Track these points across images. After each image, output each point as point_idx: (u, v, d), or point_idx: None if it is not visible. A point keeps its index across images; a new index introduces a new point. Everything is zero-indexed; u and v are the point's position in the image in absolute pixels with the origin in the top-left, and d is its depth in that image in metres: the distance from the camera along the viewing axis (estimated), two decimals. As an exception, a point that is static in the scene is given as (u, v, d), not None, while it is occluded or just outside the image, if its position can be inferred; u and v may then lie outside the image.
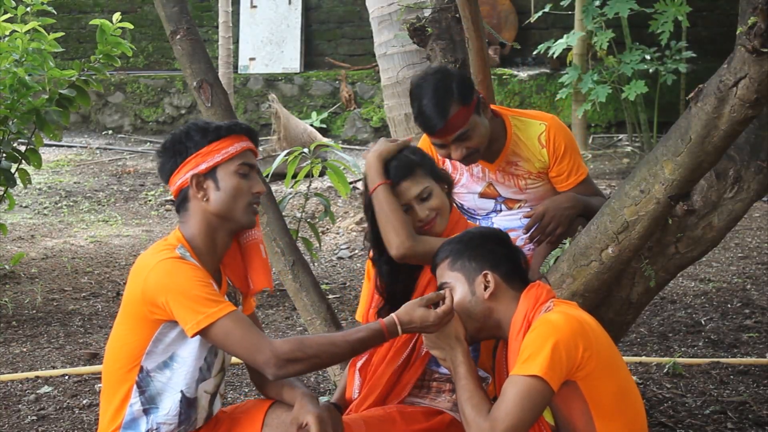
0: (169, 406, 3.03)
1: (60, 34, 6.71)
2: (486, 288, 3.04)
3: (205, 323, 2.88)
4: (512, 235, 3.84)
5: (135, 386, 3.02)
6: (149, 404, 3.03)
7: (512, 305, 3.04)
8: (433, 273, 3.20)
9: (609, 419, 2.89)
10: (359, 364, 3.52)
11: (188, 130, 3.06)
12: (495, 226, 3.89)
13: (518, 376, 2.83)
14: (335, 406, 3.39)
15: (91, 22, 6.74)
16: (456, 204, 3.96)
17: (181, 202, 3.08)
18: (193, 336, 2.91)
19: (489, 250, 3.12)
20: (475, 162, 3.81)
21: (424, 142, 3.97)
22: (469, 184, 3.93)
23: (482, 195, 3.93)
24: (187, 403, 3.05)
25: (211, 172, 3.02)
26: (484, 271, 3.05)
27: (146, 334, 2.99)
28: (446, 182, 3.52)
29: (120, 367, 3.04)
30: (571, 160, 3.88)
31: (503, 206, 3.92)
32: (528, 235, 3.78)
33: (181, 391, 3.02)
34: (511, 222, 3.90)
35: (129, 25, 6.56)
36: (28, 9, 6.58)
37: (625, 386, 2.97)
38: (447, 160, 3.89)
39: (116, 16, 6.46)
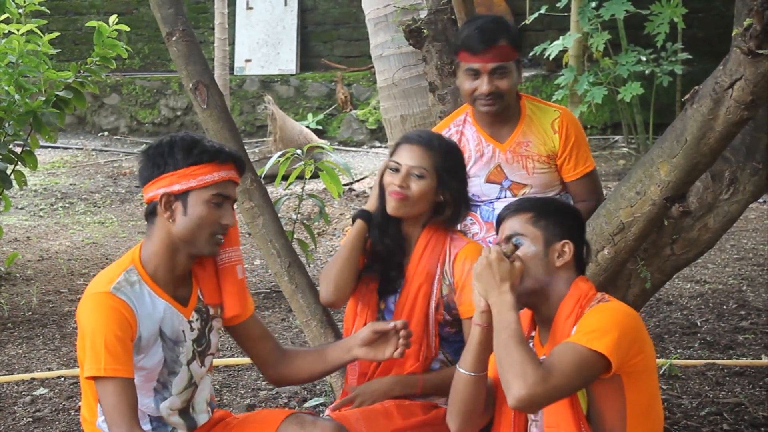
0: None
1: (55, 34, 6.70)
2: (560, 257, 2.96)
3: (88, 374, 2.89)
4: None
5: (98, 403, 2.98)
6: None
7: (566, 286, 2.95)
8: (500, 221, 3.07)
9: (640, 421, 2.86)
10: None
11: (173, 145, 2.99)
12: (496, 210, 3.91)
13: (582, 346, 2.75)
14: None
15: (87, 24, 6.74)
16: None
17: (149, 213, 3.04)
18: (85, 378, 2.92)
19: (575, 225, 3.04)
20: (493, 110, 3.81)
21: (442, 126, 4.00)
22: (476, 168, 3.92)
23: (488, 180, 3.92)
24: (155, 420, 3.04)
25: (182, 195, 2.97)
26: (566, 240, 2.97)
27: None
28: (453, 199, 3.50)
29: (87, 383, 3.02)
30: (580, 150, 3.91)
31: (508, 192, 3.91)
32: None
33: (141, 410, 2.99)
34: None
35: (125, 27, 6.56)
36: (21, 11, 6.57)
37: (656, 393, 2.95)
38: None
39: (113, 18, 6.46)
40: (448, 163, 3.46)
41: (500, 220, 3.06)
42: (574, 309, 2.91)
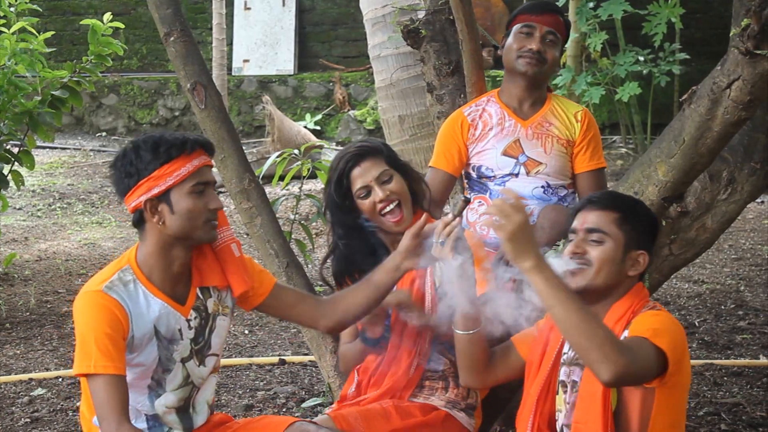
0: (133, 418, 3.00)
1: (50, 33, 6.69)
2: (633, 266, 2.95)
3: (77, 371, 2.90)
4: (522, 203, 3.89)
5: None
6: None
7: (626, 290, 2.95)
8: (582, 208, 3.02)
9: None
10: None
11: (138, 149, 2.97)
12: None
13: (650, 341, 2.74)
14: None
15: (82, 22, 6.73)
16: (473, 167, 4.02)
17: (137, 221, 3.04)
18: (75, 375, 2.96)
19: (652, 234, 3.02)
20: (534, 72, 3.94)
21: (448, 125, 4.06)
22: (495, 140, 3.99)
23: (505, 152, 3.99)
24: (151, 418, 3.05)
25: (164, 196, 2.96)
26: (643, 251, 2.95)
27: None
28: (410, 179, 3.52)
29: (85, 381, 3.03)
30: (597, 145, 4.02)
31: (523, 168, 3.96)
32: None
33: (136, 408, 3.01)
34: (523, 188, 3.94)
35: (120, 25, 6.56)
36: (12, 9, 6.56)
37: (684, 411, 2.94)
38: (476, 117, 4.01)
39: (107, 16, 6.45)
40: (389, 151, 3.52)
41: (583, 207, 3.01)
42: (626, 313, 2.90)
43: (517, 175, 3.96)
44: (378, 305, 3.25)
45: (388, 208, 3.42)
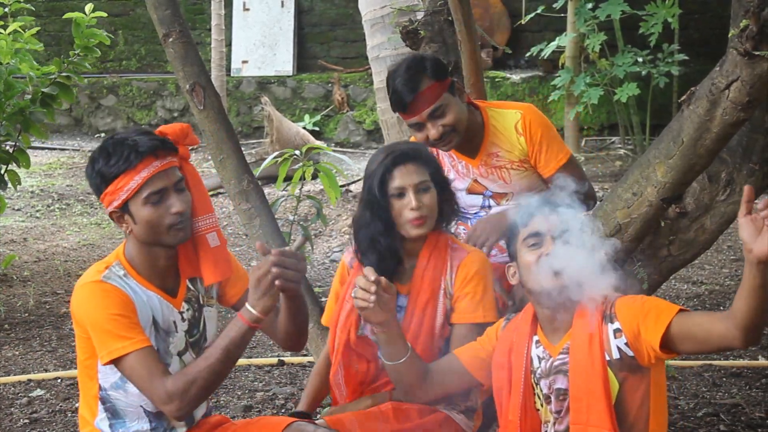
0: (136, 418, 3.03)
1: (35, 29, 6.68)
2: None
3: (108, 358, 2.90)
4: None
5: (99, 401, 3.03)
6: (114, 419, 3.04)
7: None
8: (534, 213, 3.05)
9: (659, 416, 2.92)
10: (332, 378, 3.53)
11: (94, 163, 2.97)
12: None
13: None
14: (303, 414, 3.41)
15: (65, 16, 6.70)
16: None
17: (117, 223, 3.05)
18: (105, 365, 2.94)
19: None
20: (454, 145, 3.76)
21: None
22: (456, 183, 3.88)
23: (470, 191, 3.91)
24: (154, 415, 3.05)
25: (124, 207, 2.96)
26: None
27: (91, 351, 3.00)
28: (448, 197, 3.45)
29: (85, 382, 3.06)
30: (550, 145, 3.85)
31: (491, 201, 3.90)
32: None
33: (141, 406, 3.02)
34: None
35: (103, 14, 6.53)
36: (6, 9, 6.56)
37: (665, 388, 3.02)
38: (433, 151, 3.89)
39: (89, 7, 6.41)
40: (434, 165, 3.43)
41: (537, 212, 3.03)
42: (596, 308, 2.94)
43: (489, 207, 3.91)
44: (295, 316, 3.18)
45: (413, 215, 3.33)
